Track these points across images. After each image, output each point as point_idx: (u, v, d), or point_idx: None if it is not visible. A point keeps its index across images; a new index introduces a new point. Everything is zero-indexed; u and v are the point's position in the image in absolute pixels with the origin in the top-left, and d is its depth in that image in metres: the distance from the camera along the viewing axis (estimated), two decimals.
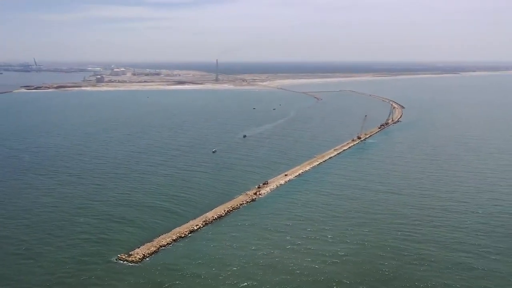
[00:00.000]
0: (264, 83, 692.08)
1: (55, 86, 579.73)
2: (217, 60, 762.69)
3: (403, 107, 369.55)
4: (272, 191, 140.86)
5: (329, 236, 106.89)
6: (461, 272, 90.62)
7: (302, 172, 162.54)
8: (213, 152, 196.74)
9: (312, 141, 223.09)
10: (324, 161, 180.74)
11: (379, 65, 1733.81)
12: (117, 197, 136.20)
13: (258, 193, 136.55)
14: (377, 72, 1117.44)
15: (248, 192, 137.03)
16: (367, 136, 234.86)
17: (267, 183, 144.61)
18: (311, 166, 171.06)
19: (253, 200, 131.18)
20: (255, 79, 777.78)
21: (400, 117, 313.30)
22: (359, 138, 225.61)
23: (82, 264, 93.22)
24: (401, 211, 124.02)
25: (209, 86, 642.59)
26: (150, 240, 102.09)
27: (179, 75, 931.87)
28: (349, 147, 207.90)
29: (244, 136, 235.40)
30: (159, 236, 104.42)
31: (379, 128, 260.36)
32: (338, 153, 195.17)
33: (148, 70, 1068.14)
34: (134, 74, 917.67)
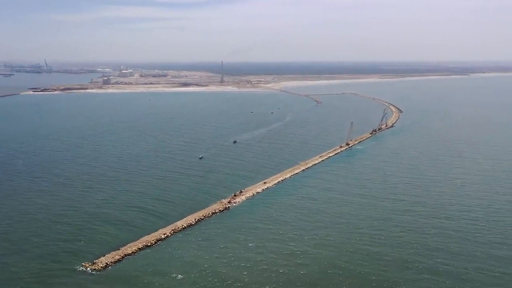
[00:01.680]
0: (268, 85, 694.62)
1: (62, 88, 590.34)
2: (222, 62, 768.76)
3: (400, 111, 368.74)
4: (248, 199, 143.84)
5: (292, 241, 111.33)
6: (407, 271, 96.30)
7: (282, 180, 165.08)
8: (200, 158, 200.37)
9: (300, 147, 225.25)
10: (307, 168, 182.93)
11: (389, 65, 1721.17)
12: (100, 201, 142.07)
13: (232, 201, 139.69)
14: (384, 73, 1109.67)
15: (223, 200, 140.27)
16: (356, 142, 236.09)
17: (241, 192, 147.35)
18: (293, 174, 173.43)
19: (226, 208, 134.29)
20: (260, 81, 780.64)
21: (396, 121, 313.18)
22: (347, 144, 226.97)
23: (49, 269, 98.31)
24: (369, 215, 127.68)
25: (213, 88, 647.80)
26: (117, 248, 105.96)
27: (186, 76, 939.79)
28: (336, 154, 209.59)
29: (235, 142, 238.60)
30: (126, 244, 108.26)
31: (370, 133, 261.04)
32: (322, 160, 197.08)
33: (156, 71, 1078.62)
34: (141, 76, 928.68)
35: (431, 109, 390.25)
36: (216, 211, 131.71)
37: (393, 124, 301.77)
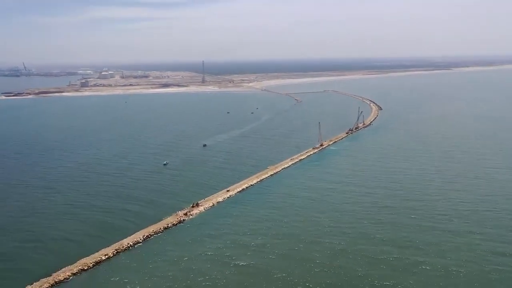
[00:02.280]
0: (250, 84, 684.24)
1: (36, 92, 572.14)
2: (203, 61, 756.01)
3: (380, 109, 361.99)
4: (206, 210, 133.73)
5: (244, 259, 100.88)
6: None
7: (246, 187, 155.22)
8: (164, 164, 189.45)
9: (272, 150, 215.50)
10: (275, 173, 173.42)
11: (377, 61, 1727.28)
12: (40, 214, 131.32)
13: (189, 213, 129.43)
14: (368, 70, 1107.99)
15: (178, 213, 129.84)
16: (331, 143, 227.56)
17: (200, 203, 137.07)
18: (259, 180, 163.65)
19: (180, 222, 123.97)
20: (243, 80, 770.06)
21: (374, 119, 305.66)
22: (321, 145, 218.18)
23: None
24: (335, 225, 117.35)
25: (193, 88, 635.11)
26: (49, 274, 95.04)
27: (168, 76, 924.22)
28: (307, 156, 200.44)
29: (204, 145, 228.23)
30: (61, 268, 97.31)
31: (346, 133, 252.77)
32: (293, 163, 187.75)
33: (140, 72, 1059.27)
34: (122, 77, 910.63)
35: (411, 106, 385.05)
36: (169, 225, 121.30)
37: (371, 122, 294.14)
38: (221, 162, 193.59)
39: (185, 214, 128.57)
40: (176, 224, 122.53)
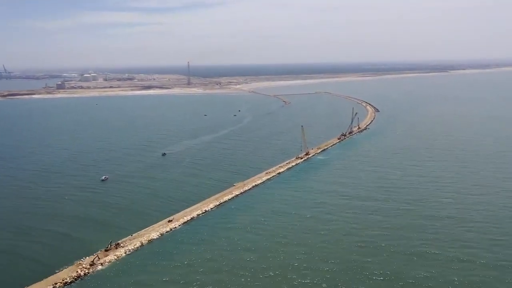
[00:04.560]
0: (238, 86, 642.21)
1: (5, 94, 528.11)
2: (188, 63, 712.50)
3: (377, 110, 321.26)
4: (128, 254, 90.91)
5: None
6: None
7: (198, 214, 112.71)
8: (102, 180, 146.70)
9: (245, 160, 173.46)
10: (243, 192, 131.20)
11: (372, 65, 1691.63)
12: None
13: (98, 261, 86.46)
14: (363, 72, 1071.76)
15: (83, 260, 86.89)
16: (319, 151, 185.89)
17: (118, 245, 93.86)
18: (219, 203, 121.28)
19: (78, 278, 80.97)
20: (230, 82, 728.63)
21: (370, 123, 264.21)
22: (307, 154, 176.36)
23: None
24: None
25: (176, 90, 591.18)
26: None
27: (154, 79, 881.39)
28: (288, 168, 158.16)
29: (163, 154, 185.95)
30: None
31: (338, 138, 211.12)
32: (268, 179, 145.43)
33: (126, 75, 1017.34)
34: (105, 79, 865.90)
35: (410, 107, 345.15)
36: (58, 285, 78.18)
37: (367, 126, 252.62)
38: (175, 178, 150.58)
39: (92, 263, 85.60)
40: (70, 282, 79.40)
